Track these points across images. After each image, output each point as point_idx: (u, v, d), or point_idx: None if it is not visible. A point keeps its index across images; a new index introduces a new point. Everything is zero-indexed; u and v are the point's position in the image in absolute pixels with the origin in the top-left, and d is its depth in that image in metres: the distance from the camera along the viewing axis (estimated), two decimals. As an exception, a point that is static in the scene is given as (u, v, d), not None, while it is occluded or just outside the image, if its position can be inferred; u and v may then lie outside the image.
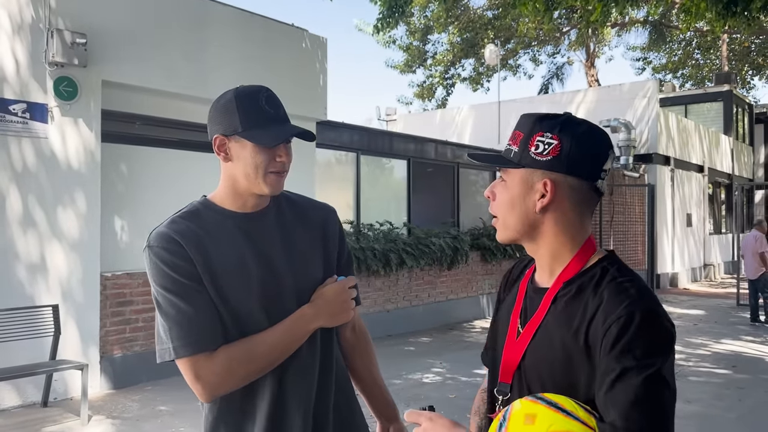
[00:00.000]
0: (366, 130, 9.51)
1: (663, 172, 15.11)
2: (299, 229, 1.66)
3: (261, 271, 1.57)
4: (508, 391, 1.27)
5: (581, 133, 1.22)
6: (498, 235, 1.31)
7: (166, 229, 1.54)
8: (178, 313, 1.46)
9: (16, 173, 5.35)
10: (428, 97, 23.42)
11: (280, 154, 1.55)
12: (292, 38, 7.81)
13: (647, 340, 1.09)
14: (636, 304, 1.11)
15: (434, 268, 9.55)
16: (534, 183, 1.22)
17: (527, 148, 1.23)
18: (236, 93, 1.55)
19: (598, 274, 1.20)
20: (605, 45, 25.21)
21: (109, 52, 5.91)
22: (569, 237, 1.24)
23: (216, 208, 1.59)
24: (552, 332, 1.21)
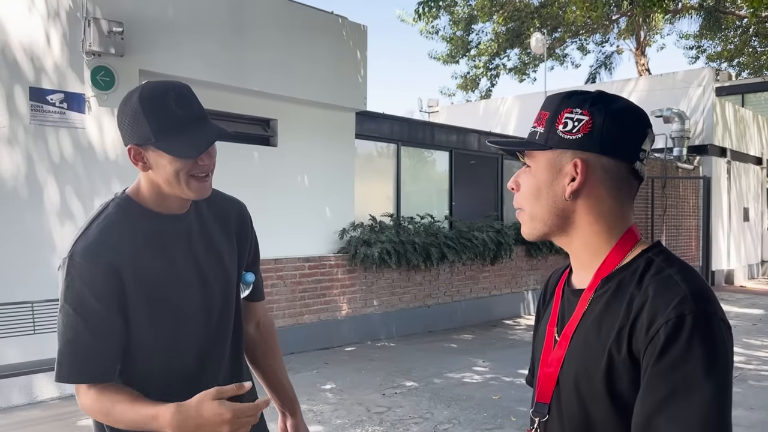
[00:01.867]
0: (407, 120, 9.28)
1: (719, 164, 14.45)
2: (217, 229, 1.61)
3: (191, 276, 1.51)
4: (546, 412, 1.10)
5: (616, 108, 1.06)
6: (524, 229, 1.14)
7: (94, 241, 1.42)
8: (75, 337, 1.40)
9: (54, 164, 5.32)
10: (472, 89, 22.99)
11: (202, 159, 1.45)
12: (332, 26, 7.63)
13: (703, 351, 0.91)
14: (687, 304, 0.94)
15: (477, 263, 9.28)
16: (563, 165, 1.07)
17: (554, 127, 1.07)
18: (140, 97, 1.40)
19: (641, 266, 1.03)
20: (656, 33, 24.29)
21: (145, 42, 5.84)
22: (606, 227, 1.08)
23: (142, 209, 1.50)
24: (590, 337, 1.03)
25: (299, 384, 5.88)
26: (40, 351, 5.03)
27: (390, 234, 7.90)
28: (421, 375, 6.31)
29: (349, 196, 7.88)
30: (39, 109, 5.24)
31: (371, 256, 7.53)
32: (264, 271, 6.79)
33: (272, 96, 6.96)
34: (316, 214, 7.46)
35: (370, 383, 5.98)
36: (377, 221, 8.08)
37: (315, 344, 7.27)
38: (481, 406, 5.35)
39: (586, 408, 1.03)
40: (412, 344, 7.79)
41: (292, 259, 7.11)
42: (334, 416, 5.05)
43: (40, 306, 5.06)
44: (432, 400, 5.49)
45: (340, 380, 6.07)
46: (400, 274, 8.23)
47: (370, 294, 7.94)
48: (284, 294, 7.03)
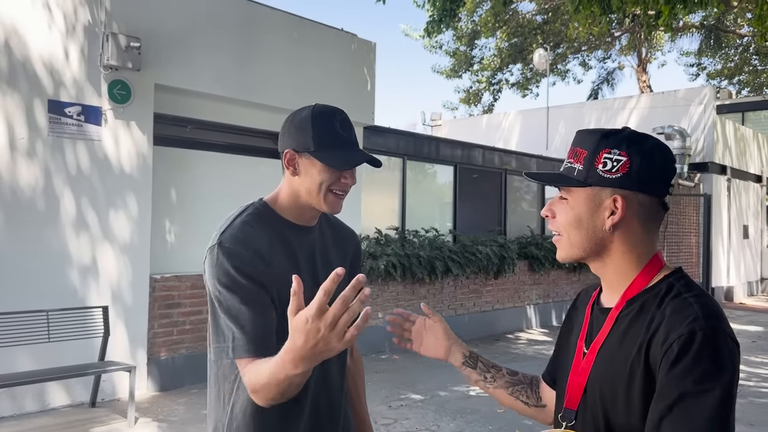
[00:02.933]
0: (412, 135, 9.41)
1: (719, 181, 14.58)
2: (334, 249, 1.73)
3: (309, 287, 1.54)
4: (573, 417, 1.24)
5: (649, 148, 1.20)
6: (560, 254, 1.27)
7: (240, 231, 1.54)
8: (239, 314, 1.46)
9: (70, 176, 5.43)
10: (474, 103, 23.17)
11: (346, 176, 1.58)
12: (342, 43, 7.77)
13: (710, 361, 1.04)
14: (699, 322, 1.06)
15: (480, 277, 9.37)
16: (602, 200, 1.19)
17: (593, 166, 1.19)
18: (313, 112, 1.58)
19: (663, 290, 1.16)
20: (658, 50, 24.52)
21: (162, 56, 5.96)
22: (636, 255, 1.21)
23: (277, 215, 1.62)
24: (614, 351, 1.17)
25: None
26: (53, 359, 5.12)
27: (395, 247, 8.00)
28: (427, 388, 6.39)
29: (355, 209, 7.98)
30: (57, 122, 5.36)
31: (377, 269, 7.62)
32: (272, 282, 6.91)
33: (283, 110, 7.07)
34: (323, 226, 7.56)
35: (376, 395, 6.06)
36: (383, 234, 8.18)
37: (321, 356, 7.32)
38: (487, 419, 5.43)
39: (608, 415, 1.16)
40: (416, 357, 7.86)
41: (300, 271, 7.19)
42: (342, 427, 5.12)
43: (55, 315, 5.15)
44: (438, 413, 5.56)
45: (346, 392, 6.14)
46: (405, 287, 8.32)
47: (375, 307, 8.02)
48: (291, 305, 7.11)
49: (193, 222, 6.58)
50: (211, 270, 1.49)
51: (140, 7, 5.85)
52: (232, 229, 1.54)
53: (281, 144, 1.61)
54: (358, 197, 7.99)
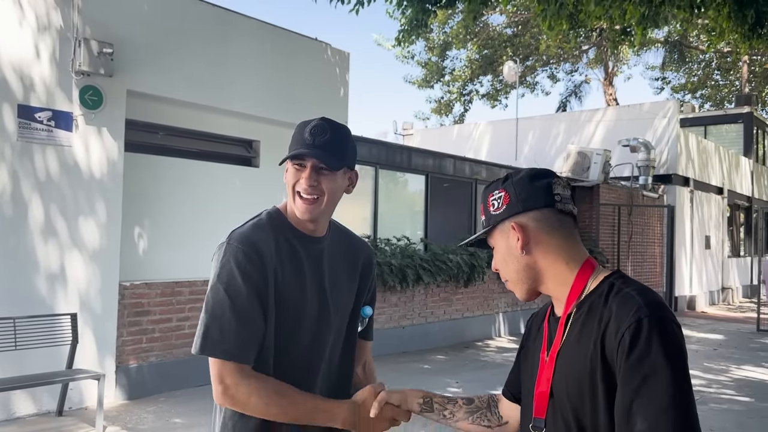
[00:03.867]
0: (385, 144, 9.50)
1: (682, 193, 14.97)
2: (344, 262, 1.75)
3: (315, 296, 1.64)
4: (542, 426, 1.32)
5: (518, 178, 1.38)
6: (517, 295, 1.42)
7: (250, 232, 1.58)
8: (225, 316, 1.49)
9: (39, 181, 5.37)
10: (446, 113, 23.44)
11: (301, 178, 1.59)
12: (315, 52, 7.82)
13: (660, 344, 1.14)
14: (642, 310, 1.17)
15: (450, 285, 9.48)
16: (507, 232, 1.36)
17: (488, 211, 1.40)
18: (299, 123, 1.65)
19: (606, 290, 1.27)
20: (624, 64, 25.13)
21: (134, 63, 5.94)
22: (563, 261, 1.33)
23: (287, 223, 1.65)
24: (573, 352, 1.27)
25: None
26: (20, 367, 5.04)
27: (367, 255, 8.05)
28: (397, 395, 6.43)
29: (327, 217, 8.02)
30: (27, 127, 5.30)
31: (349, 277, 7.65)
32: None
33: (255, 118, 7.10)
34: (295, 234, 7.57)
35: (347, 402, 6.08)
36: (355, 243, 8.23)
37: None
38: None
39: (577, 413, 1.24)
40: (386, 365, 7.90)
41: (271, 278, 7.19)
42: (313, 435, 5.13)
43: (22, 322, 5.08)
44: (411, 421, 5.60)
45: (317, 399, 6.15)
46: (377, 296, 8.36)
47: (347, 314, 8.05)
48: (262, 313, 7.10)
49: (164, 229, 6.54)
50: (216, 267, 1.54)
51: (113, 13, 5.83)
52: (244, 230, 1.59)
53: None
54: (330, 205, 8.03)
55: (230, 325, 1.49)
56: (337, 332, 1.71)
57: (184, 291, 6.35)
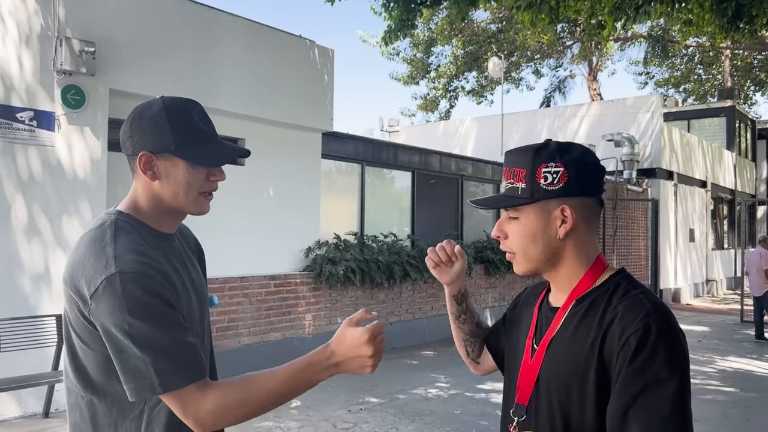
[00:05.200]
0: (371, 141, 9.50)
1: (666, 186, 15.10)
2: (189, 252, 1.64)
3: (189, 292, 1.51)
4: (523, 413, 1.31)
5: (580, 154, 1.28)
6: (518, 268, 1.34)
7: (132, 250, 1.36)
8: (162, 344, 1.30)
9: (22, 181, 5.31)
10: (431, 109, 23.46)
11: (215, 174, 1.46)
12: (300, 49, 7.80)
13: (666, 353, 1.12)
14: (652, 316, 1.14)
15: (438, 281, 9.47)
16: (551, 212, 1.26)
17: (536, 182, 1.26)
18: (165, 106, 1.41)
19: (611, 288, 1.24)
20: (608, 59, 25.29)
21: (117, 61, 5.89)
22: (584, 256, 1.29)
23: (145, 226, 1.46)
24: (566, 346, 1.25)
25: (266, 401, 5.95)
26: (5, 369, 4.99)
27: (354, 252, 8.05)
28: (386, 391, 6.45)
29: (314, 214, 8.01)
30: (8, 127, 5.24)
31: (336, 274, 7.66)
32: (230, 288, 6.87)
33: (240, 116, 7.07)
34: (282, 232, 7.57)
35: (335, 400, 6.09)
36: (342, 240, 8.23)
37: (280, 362, 7.20)
38: (444, 420, 5.52)
39: (563, 408, 1.23)
40: (375, 361, 7.92)
41: (258, 277, 7.19)
42: (302, 432, 5.14)
43: (6, 324, 5.03)
44: (396, 416, 5.63)
45: (305, 397, 6.15)
46: (364, 292, 8.38)
47: (335, 311, 8.06)
48: (250, 312, 7.10)
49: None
50: (116, 303, 1.29)
51: (95, 11, 5.78)
52: (124, 252, 1.35)
53: (130, 146, 1.43)
54: (317, 203, 8.03)
55: (176, 347, 1.32)
56: (206, 322, 1.60)
57: (171, 290, 6.32)
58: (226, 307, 6.86)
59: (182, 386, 1.30)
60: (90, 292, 1.32)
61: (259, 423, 5.33)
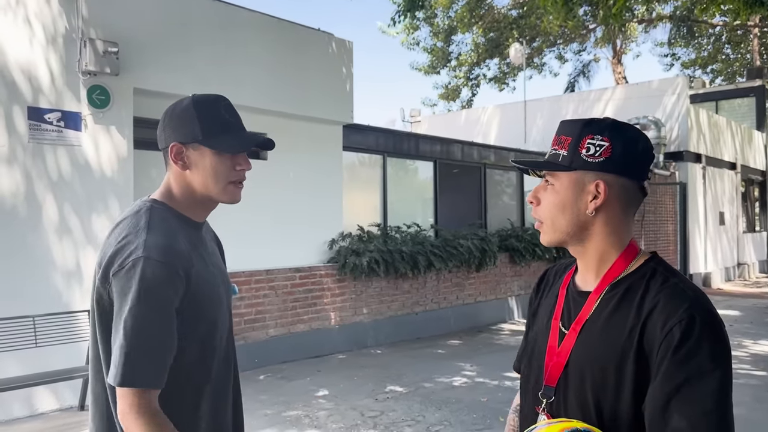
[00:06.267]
0: (392, 132, 9.51)
1: (694, 169, 14.86)
2: (212, 241, 1.71)
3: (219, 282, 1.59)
4: (552, 394, 1.28)
5: (630, 136, 1.25)
6: (544, 237, 1.31)
7: (164, 240, 1.43)
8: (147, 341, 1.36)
9: (52, 181, 5.45)
10: (453, 98, 23.34)
11: (240, 163, 1.53)
12: (319, 43, 7.84)
13: (710, 345, 1.10)
14: (696, 307, 1.12)
15: (462, 270, 9.51)
16: (586, 184, 1.23)
17: (577, 151, 1.23)
18: (194, 100, 1.52)
19: (648, 274, 1.21)
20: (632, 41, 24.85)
21: (140, 61, 6.00)
22: (617, 238, 1.25)
23: (179, 215, 1.53)
24: (600, 332, 1.21)
25: (294, 392, 6.05)
26: (41, 364, 5.15)
27: (378, 243, 8.10)
28: (412, 380, 6.50)
29: (337, 207, 8.07)
30: (37, 128, 5.38)
31: (360, 266, 7.72)
32: (256, 281, 6.97)
33: (262, 111, 7.14)
34: (305, 225, 7.64)
35: (362, 389, 6.16)
36: (365, 231, 8.28)
37: (307, 353, 7.43)
38: (471, 408, 5.55)
39: (597, 396, 1.20)
40: (401, 351, 7.98)
41: (283, 269, 7.28)
42: (330, 421, 5.21)
43: (41, 320, 5.18)
44: (423, 404, 5.68)
45: (333, 387, 6.24)
46: (389, 283, 8.43)
47: (360, 302, 8.12)
48: (276, 304, 7.19)
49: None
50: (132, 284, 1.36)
51: (117, 12, 5.88)
52: (156, 240, 1.42)
53: (163, 139, 1.52)
54: (340, 195, 8.08)
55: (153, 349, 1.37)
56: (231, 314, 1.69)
57: (198, 284, 6.45)
58: (253, 300, 6.96)
59: (137, 386, 1.35)
60: (114, 271, 1.40)
61: (288, 412, 5.42)
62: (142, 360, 1.36)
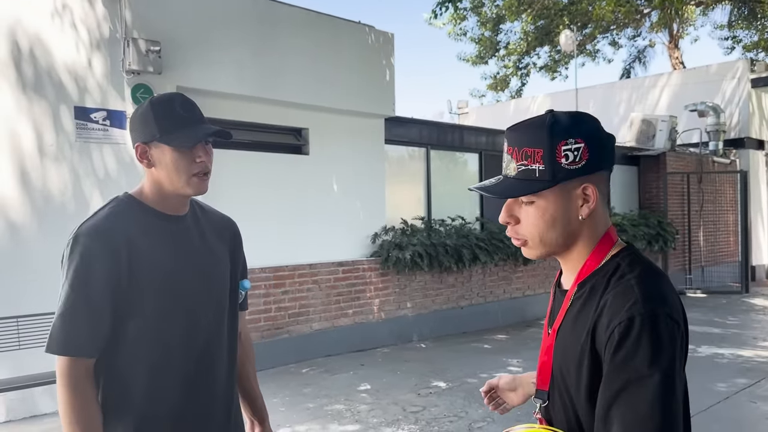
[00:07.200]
0: (435, 124, 9.39)
1: (756, 156, 14.18)
2: (213, 234, 1.76)
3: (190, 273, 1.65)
4: (546, 398, 1.24)
5: (595, 126, 1.19)
6: (531, 253, 1.24)
7: (99, 223, 1.56)
8: (67, 312, 1.51)
9: (98, 179, 5.59)
10: (502, 89, 22.92)
11: (200, 155, 1.60)
12: (359, 35, 7.80)
13: (649, 347, 1.04)
14: (638, 306, 1.06)
15: (509, 264, 9.33)
16: (571, 192, 1.17)
17: (556, 162, 1.15)
18: (151, 101, 1.63)
19: (610, 270, 1.16)
20: (690, 25, 23.87)
21: (181, 59, 6.08)
22: (597, 233, 1.20)
23: (145, 206, 1.64)
24: (568, 333, 1.18)
25: (336, 385, 6.05)
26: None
27: (421, 237, 8.02)
28: (456, 375, 6.41)
29: (380, 200, 8.02)
30: (84, 127, 5.53)
31: (403, 259, 7.66)
32: (299, 275, 7.00)
33: (303, 106, 7.16)
34: (348, 219, 7.63)
35: (405, 384, 6.11)
36: (408, 225, 8.21)
37: (350, 346, 7.43)
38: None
39: (570, 397, 1.18)
40: (445, 345, 7.89)
41: (327, 263, 7.29)
42: (371, 415, 5.19)
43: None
44: (466, 400, 5.59)
45: (375, 381, 6.21)
46: (433, 277, 8.34)
47: (404, 296, 8.07)
48: (320, 298, 7.21)
49: (220, 219, 6.70)
50: (65, 262, 1.54)
51: (158, 11, 5.97)
52: (94, 221, 1.57)
53: (132, 141, 1.66)
54: (382, 189, 8.03)
55: (75, 320, 1.50)
56: (219, 305, 1.72)
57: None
58: (297, 294, 7.00)
59: (60, 354, 1.50)
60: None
61: (330, 406, 5.42)
62: (62, 329, 1.50)
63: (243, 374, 1.92)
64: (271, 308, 6.76)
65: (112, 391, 1.58)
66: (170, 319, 1.60)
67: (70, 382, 1.50)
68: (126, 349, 1.57)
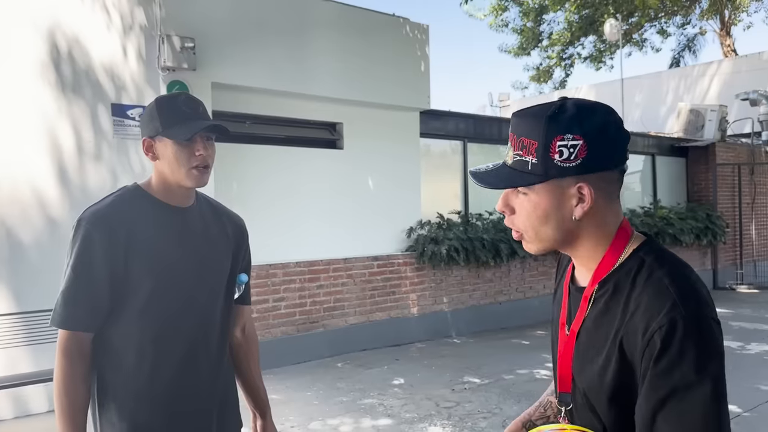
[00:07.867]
0: (472, 117, 9.26)
1: (813, 147, 13.52)
2: (216, 229, 1.83)
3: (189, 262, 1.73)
4: (569, 401, 1.17)
5: (600, 120, 1.09)
6: (530, 247, 1.18)
7: (103, 209, 1.68)
8: (68, 290, 1.64)
9: (136, 175, 5.69)
10: (545, 80, 22.49)
11: (199, 149, 1.69)
12: (393, 28, 7.73)
13: (695, 352, 0.98)
14: (678, 309, 0.99)
15: (549, 258, 9.15)
16: (565, 190, 1.09)
17: (549, 157, 1.07)
18: (157, 99, 1.75)
19: (634, 268, 1.09)
20: (743, 11, 22.94)
21: (216, 55, 6.14)
22: (606, 231, 1.13)
23: (150, 197, 1.75)
24: (591, 336, 1.11)
25: (370, 380, 6.03)
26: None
27: (458, 231, 7.92)
28: (491, 371, 6.32)
29: (415, 194, 7.96)
30: (120, 124, 5.64)
31: (439, 254, 7.59)
32: (334, 270, 7.00)
33: (337, 100, 7.15)
34: (383, 213, 7.60)
35: (439, 379, 6.05)
36: (445, 219, 8.13)
37: (385, 341, 7.40)
38: (551, 402, 5.31)
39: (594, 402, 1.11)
40: (483, 341, 7.79)
41: (361, 258, 7.27)
42: (404, 410, 5.15)
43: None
44: (501, 396, 5.50)
45: (409, 376, 6.17)
46: (470, 271, 8.24)
47: (440, 291, 8.00)
48: (354, 292, 7.21)
49: (255, 214, 6.73)
50: (71, 244, 1.67)
51: (192, 8, 6.04)
52: (97, 208, 1.69)
53: (141, 135, 1.77)
54: (418, 183, 7.97)
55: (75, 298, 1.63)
56: (213, 292, 1.80)
57: (278, 273, 6.57)
58: (332, 288, 7.01)
59: (60, 327, 1.64)
60: None
61: (363, 400, 5.41)
62: (64, 306, 1.64)
63: (246, 368, 1.99)
64: (306, 302, 6.79)
65: (109, 369, 1.69)
66: (165, 301, 1.70)
67: (67, 354, 1.62)
68: (122, 329, 1.68)
